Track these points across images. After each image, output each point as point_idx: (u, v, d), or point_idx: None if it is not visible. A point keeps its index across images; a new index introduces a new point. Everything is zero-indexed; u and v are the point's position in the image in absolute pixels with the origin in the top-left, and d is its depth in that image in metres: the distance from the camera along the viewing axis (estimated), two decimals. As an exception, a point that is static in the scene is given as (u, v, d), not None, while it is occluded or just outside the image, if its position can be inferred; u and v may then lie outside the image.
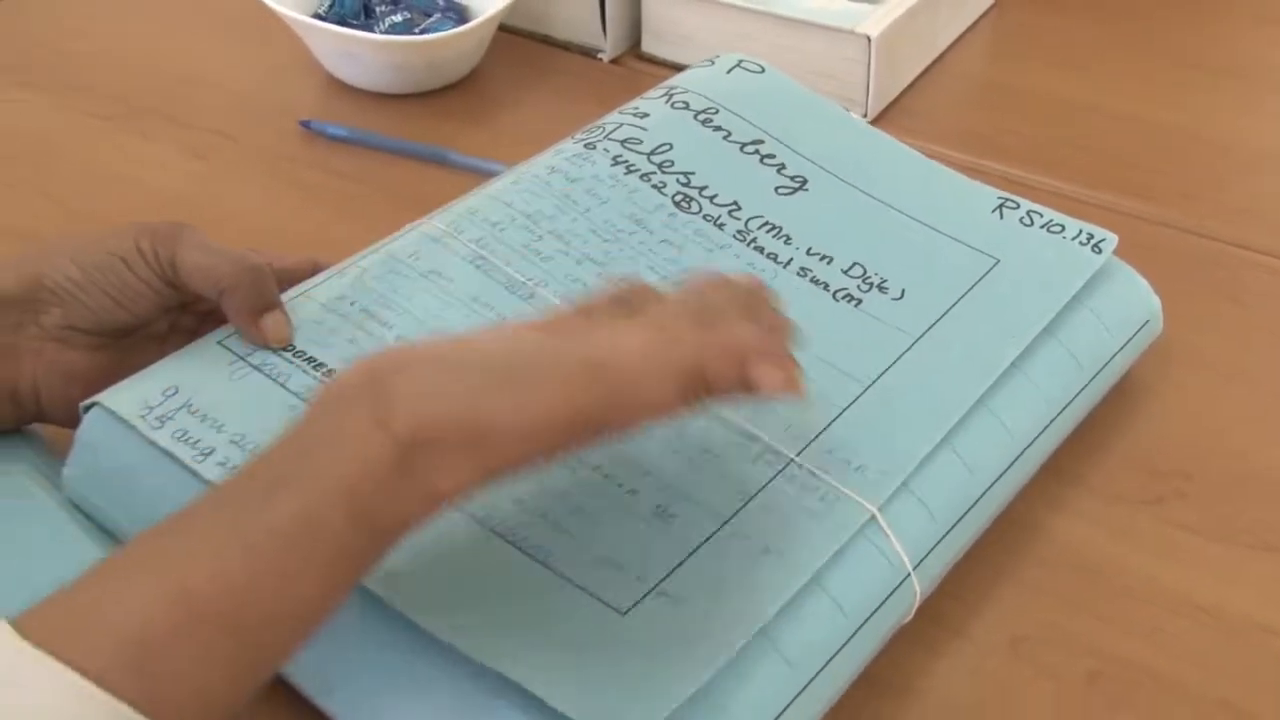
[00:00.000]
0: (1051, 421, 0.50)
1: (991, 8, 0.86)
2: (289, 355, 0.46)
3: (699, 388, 0.37)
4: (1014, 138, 0.73)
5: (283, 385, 0.45)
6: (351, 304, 0.48)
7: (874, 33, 0.72)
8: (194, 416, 0.43)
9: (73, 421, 0.46)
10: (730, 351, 0.37)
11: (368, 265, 0.50)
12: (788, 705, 0.40)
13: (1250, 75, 0.81)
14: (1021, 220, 0.56)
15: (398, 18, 0.76)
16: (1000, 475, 0.48)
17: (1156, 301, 0.56)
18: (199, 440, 0.42)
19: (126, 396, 0.44)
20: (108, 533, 0.44)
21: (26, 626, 0.32)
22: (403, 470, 0.34)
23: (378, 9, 0.77)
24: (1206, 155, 0.73)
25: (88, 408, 0.44)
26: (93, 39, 0.79)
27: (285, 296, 0.48)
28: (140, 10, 0.83)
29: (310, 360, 0.46)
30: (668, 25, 0.78)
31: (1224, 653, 0.46)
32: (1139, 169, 0.71)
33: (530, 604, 0.39)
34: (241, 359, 0.46)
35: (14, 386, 0.46)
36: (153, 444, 0.43)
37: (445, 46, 0.73)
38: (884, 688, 0.45)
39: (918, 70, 0.79)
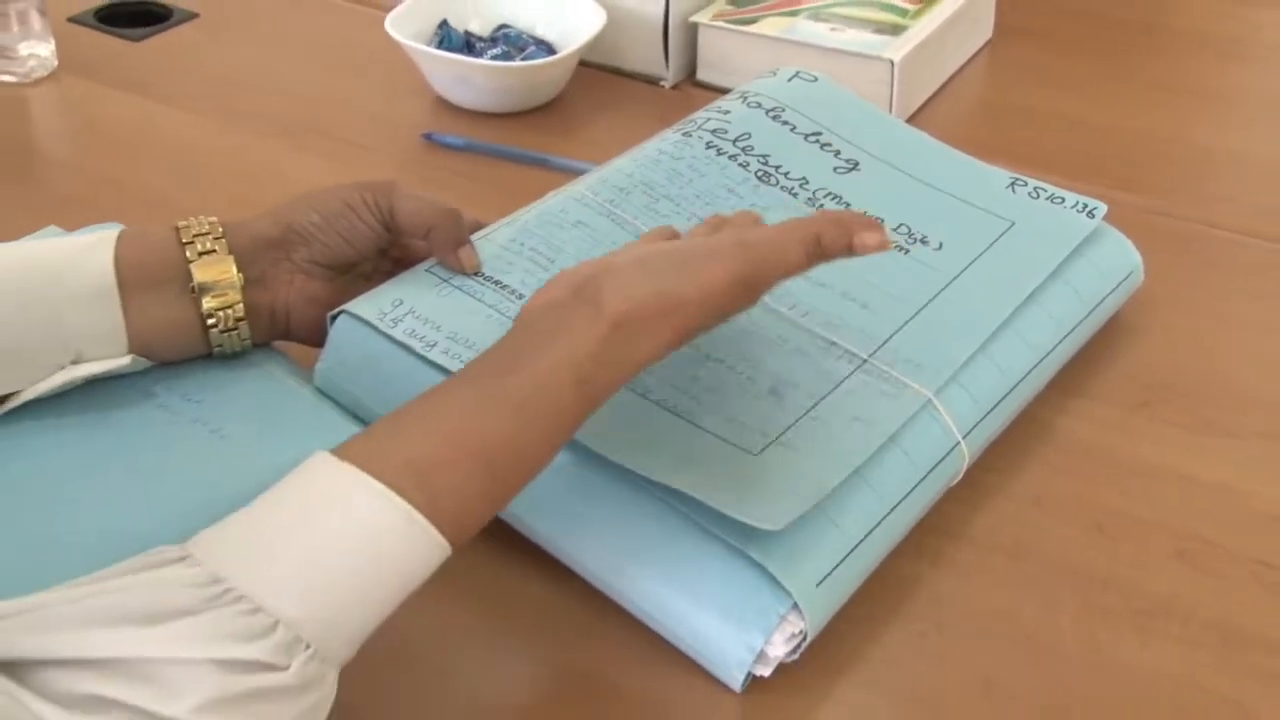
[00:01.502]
0: (1061, 340, 0.64)
1: (989, 41, 1.01)
2: (480, 279, 0.60)
3: (816, 252, 0.51)
4: (1015, 144, 0.88)
5: (478, 299, 0.59)
6: (521, 244, 0.62)
7: (896, 58, 0.87)
8: (418, 320, 0.57)
9: (310, 338, 0.60)
10: (840, 222, 0.52)
11: (528, 219, 0.64)
12: (875, 526, 0.53)
13: (1213, 96, 0.97)
14: (1029, 194, 0.71)
15: (497, 50, 0.90)
16: (1023, 377, 0.62)
17: (1138, 257, 0.70)
18: (424, 336, 0.56)
19: (366, 305, 0.58)
20: (348, 412, 0.58)
21: (340, 456, 0.44)
22: (613, 343, 0.47)
23: (477, 44, 0.91)
24: (1178, 157, 0.88)
25: (334, 316, 0.58)
26: (247, 70, 0.94)
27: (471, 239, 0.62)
28: (284, 45, 0.98)
29: (497, 282, 0.60)
30: (720, 57, 0.93)
31: (1197, 504, 0.60)
32: (1123, 168, 0.86)
33: (683, 447, 0.53)
34: (445, 281, 0.60)
35: (272, 307, 0.60)
36: (389, 338, 0.56)
37: (539, 73, 0.88)
38: (941, 532, 0.58)
39: (931, 90, 0.94)
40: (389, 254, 0.63)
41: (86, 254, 0.57)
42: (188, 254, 0.58)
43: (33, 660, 0.39)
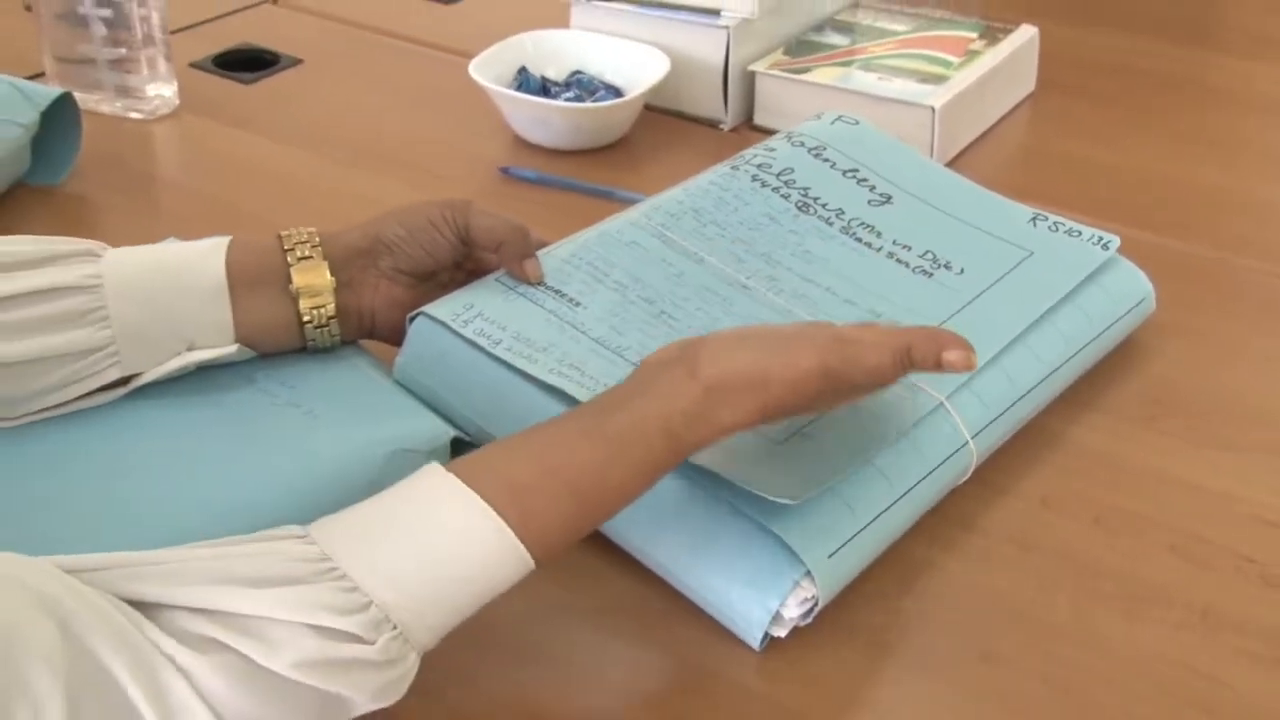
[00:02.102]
0: (1070, 358, 0.70)
1: (1032, 93, 1.08)
2: (542, 288, 0.68)
3: (906, 363, 0.55)
4: (1047, 186, 0.94)
5: (539, 305, 0.66)
6: (580, 259, 0.70)
7: (937, 105, 0.94)
8: (486, 321, 0.65)
9: (392, 337, 0.68)
10: (933, 337, 0.56)
11: (587, 238, 0.71)
12: (884, 511, 0.60)
13: (1232, 147, 1.02)
14: (1049, 228, 0.77)
15: (570, 94, 0.99)
16: (1031, 389, 0.68)
17: (1149, 286, 0.76)
18: (490, 334, 0.64)
19: (441, 308, 0.66)
20: (423, 401, 0.65)
21: (449, 470, 0.50)
22: (703, 404, 0.53)
23: (553, 89, 1.00)
24: (1200, 200, 0.94)
25: (413, 318, 0.66)
26: (343, 110, 1.03)
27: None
28: (377, 88, 1.07)
29: (557, 291, 0.67)
30: (776, 102, 1.01)
31: (1192, 507, 0.65)
32: (1147, 208, 0.92)
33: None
34: (511, 289, 0.67)
35: (359, 309, 0.68)
36: (461, 336, 0.64)
37: (609, 113, 0.96)
38: (954, 522, 0.64)
39: (971, 137, 1.00)
40: (464, 266, 0.71)
41: (203, 258, 0.65)
42: (288, 259, 0.66)
43: (158, 603, 0.45)
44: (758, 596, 0.56)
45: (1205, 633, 0.59)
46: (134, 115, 1.00)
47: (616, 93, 0.99)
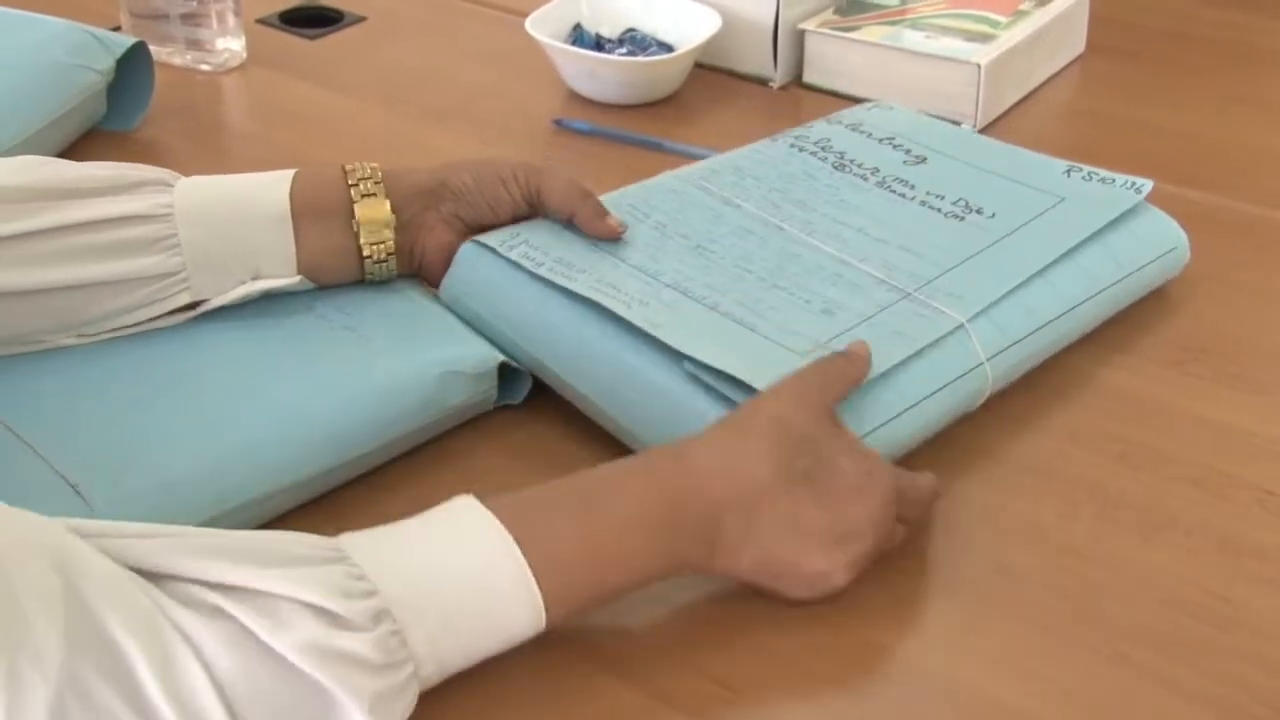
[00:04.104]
0: (1092, 296, 0.71)
1: (1080, 55, 1.09)
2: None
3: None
4: (1092, 145, 0.94)
5: (582, 237, 0.70)
6: (622, 203, 0.74)
7: (983, 62, 0.95)
8: (530, 246, 0.68)
9: (432, 279, 0.71)
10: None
11: (629, 188, 0.75)
12: (891, 419, 0.62)
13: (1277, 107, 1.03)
14: (1083, 177, 0.79)
15: (623, 50, 1.02)
16: (1050, 321, 0.69)
17: (1182, 235, 0.77)
18: (533, 258, 0.68)
19: (490, 236, 0.69)
20: (467, 324, 0.69)
21: (483, 503, 0.51)
22: (711, 556, 0.54)
23: (606, 45, 1.03)
24: (1244, 158, 0.94)
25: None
26: (405, 65, 1.07)
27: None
28: (438, 45, 1.11)
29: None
30: (825, 61, 1.03)
31: (1216, 443, 0.67)
32: (1191, 166, 0.92)
33: (735, 343, 0.63)
34: (556, 224, 0.71)
35: (411, 247, 0.71)
36: (505, 258, 0.68)
37: (659, 68, 0.99)
38: (977, 452, 0.66)
39: (1017, 96, 1.02)
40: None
41: (268, 188, 0.69)
42: (352, 194, 0.69)
43: (170, 575, 0.45)
44: None
45: (1222, 559, 0.60)
46: (203, 67, 1.04)
47: (668, 49, 1.02)
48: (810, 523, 0.55)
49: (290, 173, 0.70)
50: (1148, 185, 0.77)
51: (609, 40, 1.03)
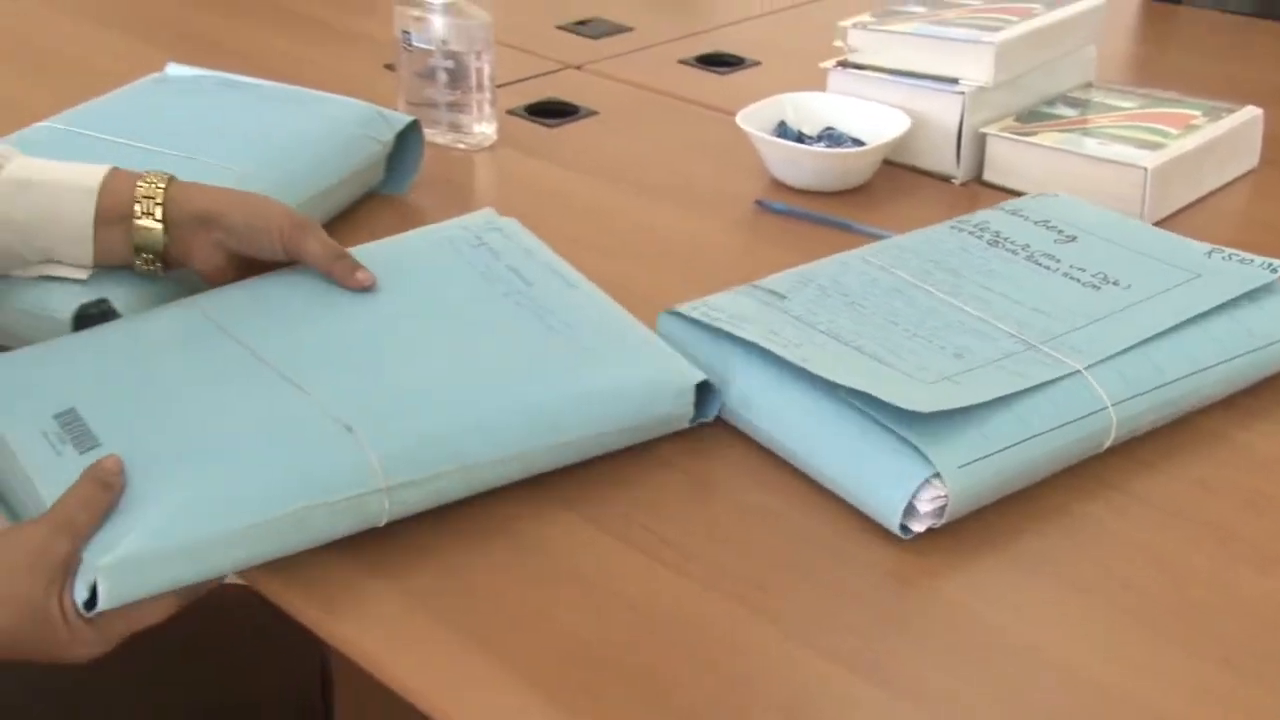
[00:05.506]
0: (1223, 362, 0.79)
1: (1254, 169, 1.16)
2: (758, 288, 0.85)
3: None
4: (1252, 246, 1.02)
5: (752, 298, 0.83)
6: (792, 277, 0.86)
7: (1150, 165, 1.05)
8: (709, 308, 0.82)
9: (209, 278, 0.83)
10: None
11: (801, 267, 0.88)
12: (1014, 444, 0.71)
13: None
14: (1223, 258, 0.87)
15: (821, 143, 1.15)
16: (1176, 379, 0.77)
17: (1325, 318, 0.85)
18: (710, 315, 0.81)
19: (683, 305, 0.82)
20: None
21: None
22: None
23: (806, 140, 1.16)
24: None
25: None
26: (629, 152, 1.23)
27: None
28: (657, 136, 1.26)
29: (770, 291, 0.85)
30: (1004, 161, 1.13)
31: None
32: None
33: (873, 374, 0.74)
34: (736, 291, 0.84)
35: (183, 258, 0.82)
36: (687, 318, 0.81)
37: (852, 159, 1.11)
38: (1109, 485, 0.75)
39: (1185, 201, 1.10)
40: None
41: (79, 197, 0.80)
42: (135, 210, 0.80)
43: None
44: (896, 482, 0.69)
45: (1335, 592, 0.67)
46: (461, 146, 1.22)
47: (861, 146, 1.15)
48: None
49: (99, 179, 0.80)
50: (1280, 265, 0.85)
51: (809, 137, 1.17)
